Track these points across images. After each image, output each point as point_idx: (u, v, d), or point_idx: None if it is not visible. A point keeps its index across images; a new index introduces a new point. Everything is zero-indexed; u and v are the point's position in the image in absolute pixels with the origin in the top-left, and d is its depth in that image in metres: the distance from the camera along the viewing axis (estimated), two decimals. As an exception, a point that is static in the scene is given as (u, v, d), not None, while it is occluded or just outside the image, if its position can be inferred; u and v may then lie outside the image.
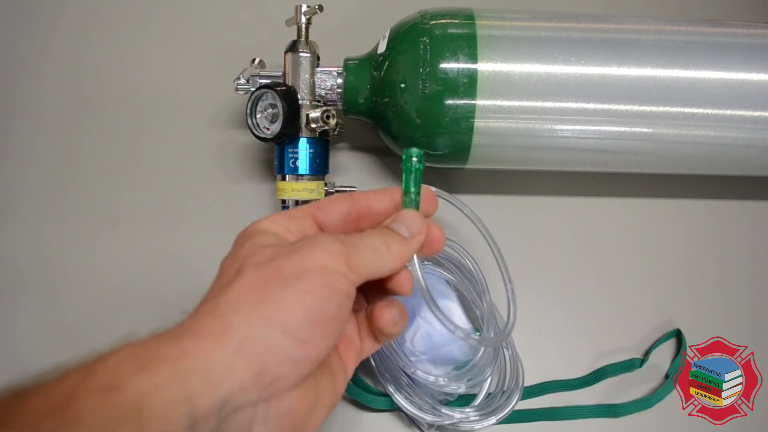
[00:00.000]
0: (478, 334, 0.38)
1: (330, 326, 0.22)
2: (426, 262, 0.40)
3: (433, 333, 0.37)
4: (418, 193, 0.28)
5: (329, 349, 0.23)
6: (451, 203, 0.34)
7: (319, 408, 0.24)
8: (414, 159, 0.28)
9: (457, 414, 0.36)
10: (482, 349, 0.37)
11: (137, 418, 0.17)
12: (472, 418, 0.36)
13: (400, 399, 0.37)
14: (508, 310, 0.32)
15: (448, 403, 0.37)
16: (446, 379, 0.36)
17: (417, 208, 0.28)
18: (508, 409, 0.36)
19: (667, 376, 0.41)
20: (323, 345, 0.22)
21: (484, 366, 0.37)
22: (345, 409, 0.40)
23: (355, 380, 0.39)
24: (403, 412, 0.37)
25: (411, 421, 0.38)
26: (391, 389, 0.37)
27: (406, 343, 0.37)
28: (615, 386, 0.41)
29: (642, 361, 0.41)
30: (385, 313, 0.27)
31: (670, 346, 0.43)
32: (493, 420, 0.36)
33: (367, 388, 0.39)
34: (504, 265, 0.33)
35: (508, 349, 0.39)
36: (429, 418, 0.36)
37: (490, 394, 0.38)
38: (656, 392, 0.40)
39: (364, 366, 0.39)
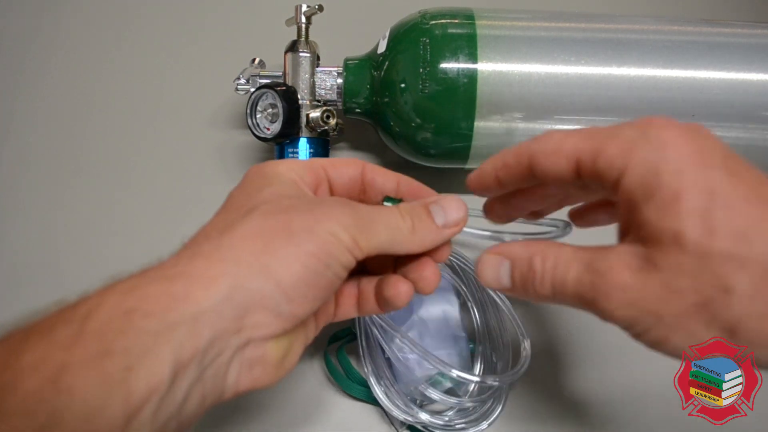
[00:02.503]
0: (472, 346, 0.38)
1: (321, 292, 0.23)
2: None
3: (425, 334, 0.36)
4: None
5: (314, 311, 0.23)
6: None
7: (290, 355, 0.24)
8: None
9: (433, 417, 0.35)
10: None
11: (126, 382, 0.18)
12: (457, 426, 0.35)
13: (378, 391, 0.35)
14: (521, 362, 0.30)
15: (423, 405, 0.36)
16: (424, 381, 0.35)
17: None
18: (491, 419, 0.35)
19: None
20: (310, 307, 0.22)
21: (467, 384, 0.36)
22: (325, 389, 0.38)
23: (340, 358, 0.38)
24: (379, 405, 0.35)
25: (386, 415, 0.37)
26: (372, 380, 0.35)
27: (397, 337, 0.36)
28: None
29: None
30: (402, 285, 0.26)
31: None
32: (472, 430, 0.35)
33: (349, 371, 0.38)
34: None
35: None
36: (402, 416, 0.34)
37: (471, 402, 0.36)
38: None
39: (354, 352, 0.38)
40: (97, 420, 0.17)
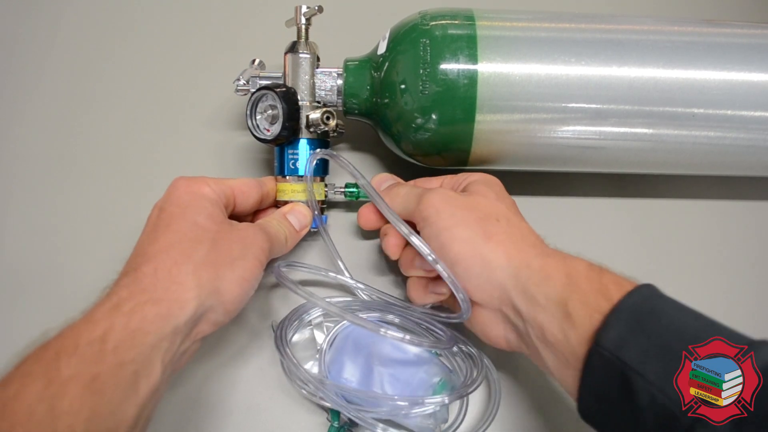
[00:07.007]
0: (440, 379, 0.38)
1: (247, 299, 0.32)
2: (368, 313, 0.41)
3: (395, 372, 0.37)
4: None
5: (252, 285, 0.32)
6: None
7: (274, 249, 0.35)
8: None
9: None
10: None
11: (136, 384, 0.25)
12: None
13: None
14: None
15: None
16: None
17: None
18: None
19: None
20: (237, 311, 0.32)
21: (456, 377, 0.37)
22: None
23: None
24: None
25: None
26: None
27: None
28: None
29: None
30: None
31: None
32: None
33: None
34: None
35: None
36: None
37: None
38: None
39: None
40: (119, 413, 0.24)
